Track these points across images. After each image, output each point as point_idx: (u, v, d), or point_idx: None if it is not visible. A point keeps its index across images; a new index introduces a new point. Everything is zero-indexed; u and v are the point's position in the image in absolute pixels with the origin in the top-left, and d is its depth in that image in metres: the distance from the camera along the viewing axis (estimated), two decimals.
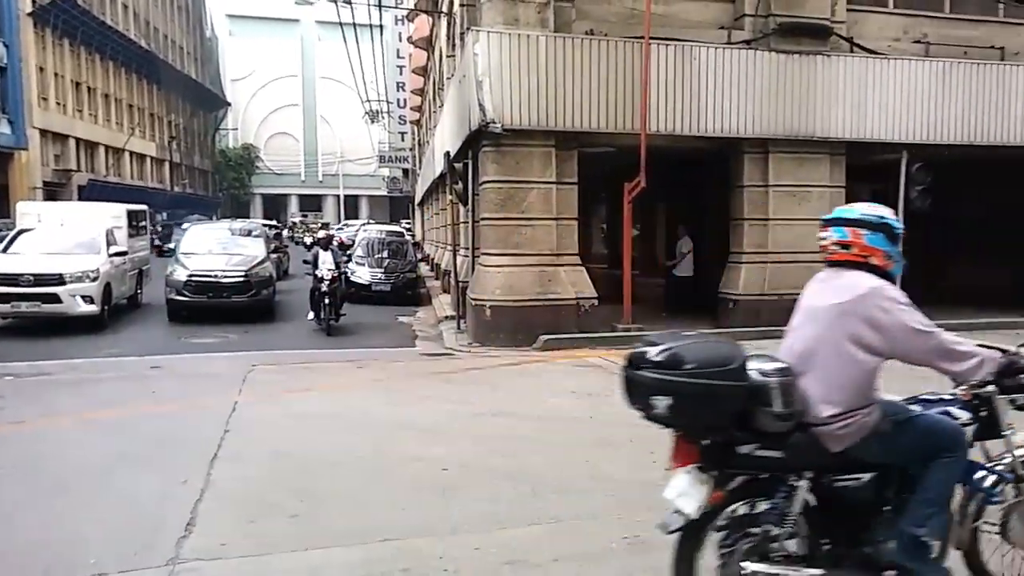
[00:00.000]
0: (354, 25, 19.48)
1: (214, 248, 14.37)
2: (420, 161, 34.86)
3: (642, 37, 10.57)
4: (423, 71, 31.74)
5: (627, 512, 4.31)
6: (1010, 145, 12.48)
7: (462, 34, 12.06)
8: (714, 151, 11.97)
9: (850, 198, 12.52)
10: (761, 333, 11.12)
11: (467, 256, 12.47)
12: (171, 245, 24.49)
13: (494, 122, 10.33)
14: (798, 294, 3.24)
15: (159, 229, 30.79)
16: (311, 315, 12.24)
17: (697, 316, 12.27)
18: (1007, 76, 12.34)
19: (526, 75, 10.44)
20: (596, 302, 10.97)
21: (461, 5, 12.39)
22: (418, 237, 36.22)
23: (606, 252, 17.42)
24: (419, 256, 29.26)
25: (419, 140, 39.21)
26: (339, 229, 33.87)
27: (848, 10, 12.06)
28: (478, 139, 11.04)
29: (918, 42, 12.48)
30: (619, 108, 10.82)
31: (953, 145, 12.26)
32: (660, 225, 16.43)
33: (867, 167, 12.96)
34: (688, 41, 11.16)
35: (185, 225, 28.04)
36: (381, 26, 24.95)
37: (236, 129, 70.81)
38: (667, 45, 10.95)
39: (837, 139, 11.77)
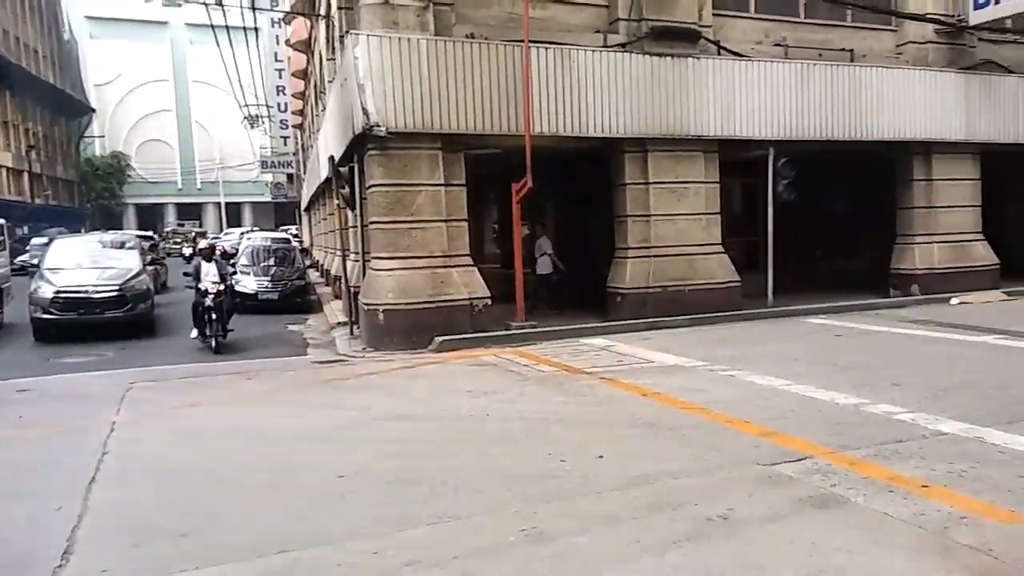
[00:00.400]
0: (227, 27, 18.71)
1: (83, 262, 13.48)
2: (305, 166, 33.96)
3: (522, 40, 10.77)
4: (303, 74, 30.93)
5: (525, 505, 4.39)
6: (862, 140, 13.52)
7: (341, 37, 11.85)
8: (597, 150, 12.32)
9: (724, 193, 13.27)
10: (648, 324, 11.62)
11: (357, 260, 12.28)
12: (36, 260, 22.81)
13: (378, 125, 10.23)
14: (681, 286, 3.42)
15: (24, 246, 28.55)
16: (195, 332, 11.51)
17: (587, 310, 12.61)
18: (857, 76, 13.36)
19: (408, 78, 10.40)
20: (490, 301, 11.07)
21: (339, 8, 12.17)
22: (306, 243, 35.27)
23: (499, 252, 17.55)
24: (308, 262, 28.56)
25: (303, 144, 38.16)
26: (215, 238, 32.42)
27: (714, 15, 12.72)
28: (363, 143, 10.91)
29: (778, 45, 13.32)
30: (503, 110, 10.97)
31: (813, 141, 13.14)
32: (550, 223, 16.73)
33: (739, 163, 13.73)
34: (566, 44, 11.45)
35: (39, 239, 26.12)
36: (256, 28, 24.11)
37: (103, 137, 66.40)
38: (546, 48, 11.20)
39: (710, 137, 12.38)
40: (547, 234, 13.95)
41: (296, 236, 36.14)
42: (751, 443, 5.46)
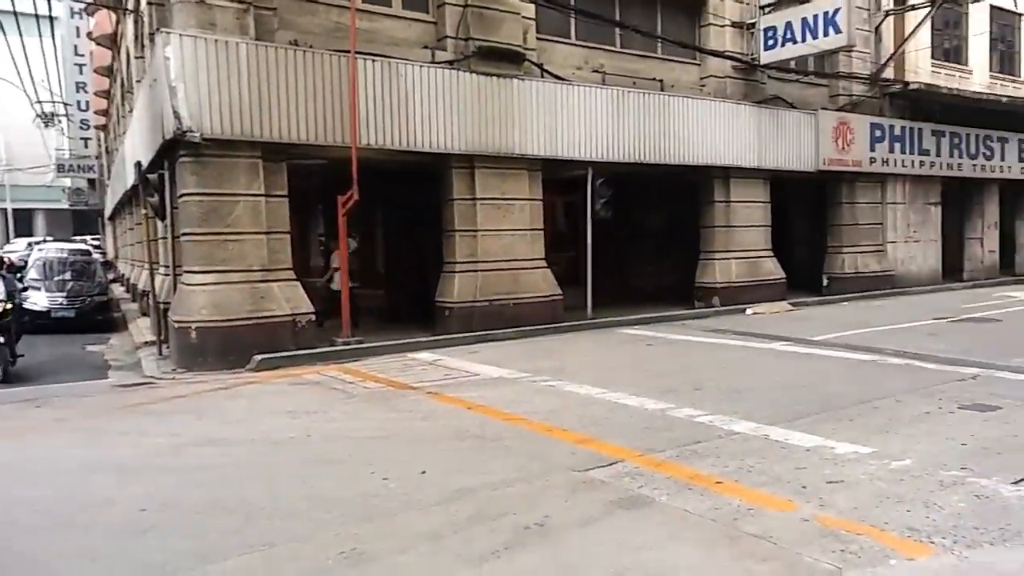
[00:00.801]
0: (15, 13, 16.82)
1: None
2: (110, 170, 31.20)
3: (348, 51, 10.62)
4: (108, 71, 28.46)
5: (345, 527, 4.31)
6: (671, 163, 14.61)
7: (151, 35, 11.06)
8: (427, 166, 12.38)
9: (548, 210, 13.81)
10: (476, 338, 11.80)
11: (168, 275, 11.46)
12: None
13: (191, 131, 9.65)
14: (507, 299, 3.51)
15: None
16: None
17: (416, 324, 12.59)
18: (666, 104, 14.45)
19: (226, 82, 9.91)
20: (314, 317, 10.75)
21: (149, 3, 11.37)
22: (110, 255, 32.39)
23: (324, 265, 17.09)
24: (111, 276, 26.28)
25: (107, 147, 35.05)
26: None
27: (538, 38, 13.24)
28: (174, 148, 10.23)
29: (596, 71, 14.11)
30: (329, 121, 10.73)
31: (628, 163, 14.02)
32: (379, 237, 16.56)
33: (561, 181, 14.35)
34: (394, 58, 11.44)
35: None
36: (53, 18, 21.89)
37: None
38: (374, 61, 11.12)
39: (534, 156, 12.84)
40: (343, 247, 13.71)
41: (98, 247, 33.12)
42: (568, 450, 5.71)
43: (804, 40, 14.97)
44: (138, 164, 11.99)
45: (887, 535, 3.95)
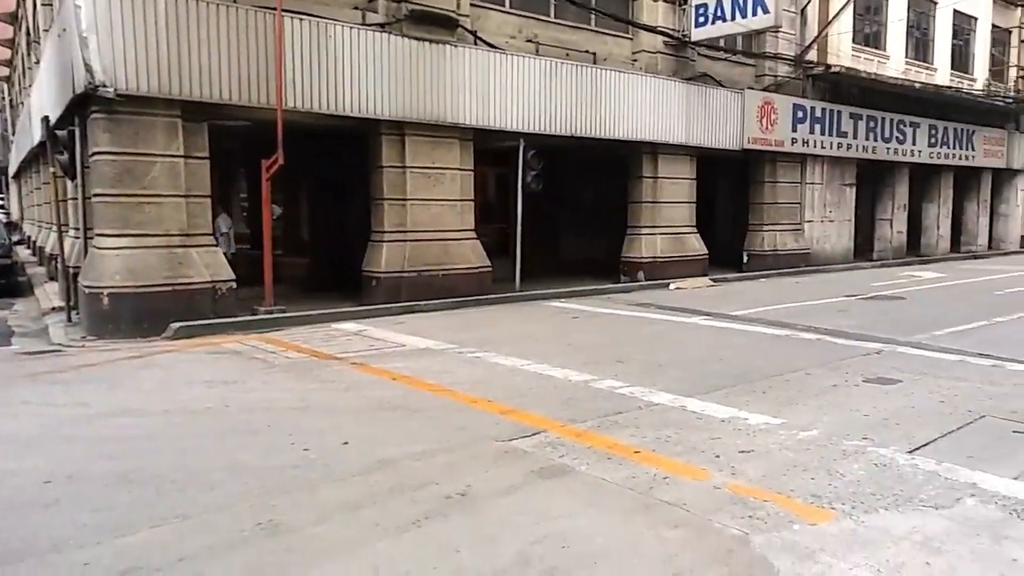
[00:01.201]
0: None
1: None
2: (14, 126, 29.33)
3: (274, 8, 10.22)
4: (12, 18, 26.60)
5: (262, 498, 4.23)
6: (602, 137, 14.71)
7: None
8: (356, 131, 12.10)
9: (478, 181, 13.74)
10: (403, 308, 11.71)
11: (78, 237, 10.90)
12: None
13: (104, 85, 9.14)
14: (435, 270, 3.47)
15: None
16: None
17: (342, 293, 12.40)
18: (599, 78, 14.50)
19: (143, 36, 9.41)
20: (235, 284, 10.44)
21: None
22: (15, 216, 30.62)
23: (247, 232, 16.60)
24: (16, 238, 24.91)
25: (11, 100, 32.91)
26: None
27: (472, 5, 13.03)
28: (86, 104, 9.68)
29: (530, 41, 14.02)
30: (254, 81, 10.34)
31: (560, 136, 14.04)
32: (304, 204, 16.17)
33: (492, 152, 14.29)
34: (323, 18, 11.08)
35: None
36: None
37: None
38: (302, 19, 10.74)
39: (466, 125, 12.71)
40: (227, 212, 13.53)
41: (1, 207, 31.26)
42: (492, 421, 5.75)
43: (734, 19, 15.23)
44: (45, 119, 11.30)
45: (792, 502, 4.14)
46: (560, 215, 18.18)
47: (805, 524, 3.85)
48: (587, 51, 14.91)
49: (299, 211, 16.52)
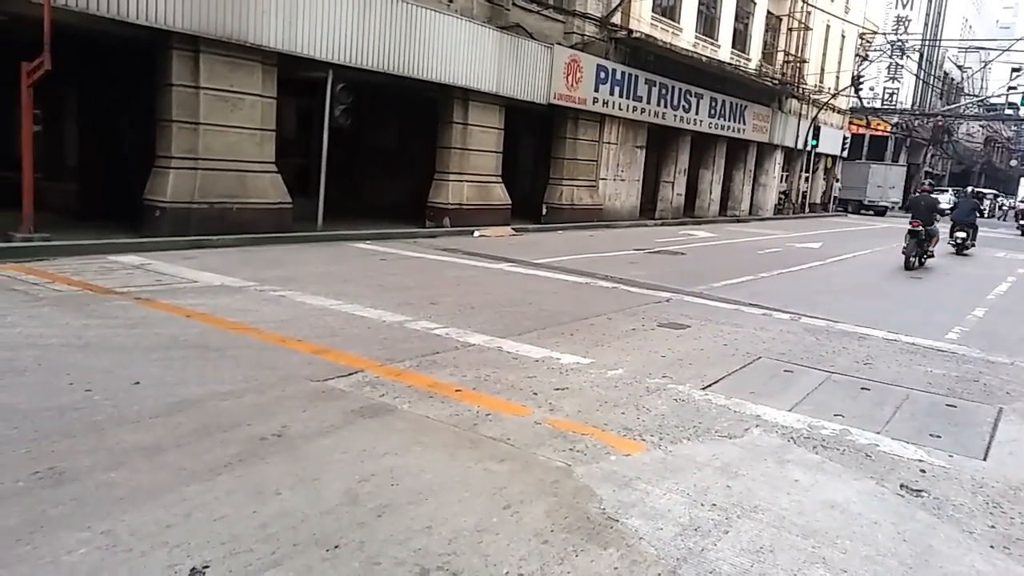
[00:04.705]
0: None
1: None
2: None
3: None
4: None
5: (38, 444, 3.68)
6: (414, 77, 14.33)
7: None
8: (140, 41, 10.70)
9: (281, 110, 12.83)
10: (192, 243, 10.76)
11: None
12: None
13: None
14: (230, 203, 3.12)
15: None
16: None
17: (117, 224, 11.11)
18: (413, 15, 14.03)
19: None
20: None
21: None
22: None
23: (1, 150, 14.25)
24: None
25: None
26: None
27: None
28: None
29: None
30: None
31: (371, 71, 13.46)
32: (72, 122, 14.13)
33: (298, 81, 13.37)
34: None
35: None
36: None
37: None
38: None
39: (270, 49, 11.74)
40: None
41: None
42: (304, 360, 5.46)
43: None
44: None
45: (607, 435, 4.36)
46: (366, 156, 17.57)
47: (621, 455, 4.07)
48: None
49: (65, 131, 14.43)
